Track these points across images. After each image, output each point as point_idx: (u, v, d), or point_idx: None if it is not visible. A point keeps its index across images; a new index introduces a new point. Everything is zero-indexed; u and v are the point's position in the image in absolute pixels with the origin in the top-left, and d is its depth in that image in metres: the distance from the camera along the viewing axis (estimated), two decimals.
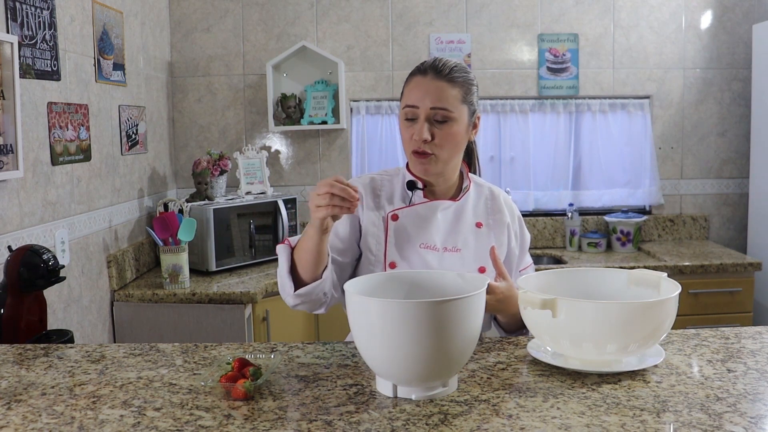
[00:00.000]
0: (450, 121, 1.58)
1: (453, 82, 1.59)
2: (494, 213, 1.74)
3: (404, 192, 1.69)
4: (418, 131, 1.57)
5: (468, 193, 1.72)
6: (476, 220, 1.71)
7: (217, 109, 3.85)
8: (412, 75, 1.63)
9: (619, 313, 1.26)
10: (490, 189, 1.79)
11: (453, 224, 1.68)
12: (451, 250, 1.65)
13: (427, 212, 1.66)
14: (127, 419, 1.16)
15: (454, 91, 1.58)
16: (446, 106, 1.57)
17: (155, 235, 2.99)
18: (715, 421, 1.10)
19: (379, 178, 1.73)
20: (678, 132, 3.96)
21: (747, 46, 3.87)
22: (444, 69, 1.59)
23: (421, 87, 1.58)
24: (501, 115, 3.91)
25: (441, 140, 1.58)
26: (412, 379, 1.20)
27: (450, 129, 1.59)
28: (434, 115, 1.57)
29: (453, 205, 1.69)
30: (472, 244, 1.68)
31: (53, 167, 2.47)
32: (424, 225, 1.65)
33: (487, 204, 1.75)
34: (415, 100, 1.58)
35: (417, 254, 1.63)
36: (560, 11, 3.85)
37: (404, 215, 1.65)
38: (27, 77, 2.29)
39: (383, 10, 3.82)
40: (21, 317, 1.88)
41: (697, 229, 3.98)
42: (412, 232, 1.64)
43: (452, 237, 1.67)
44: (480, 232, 1.70)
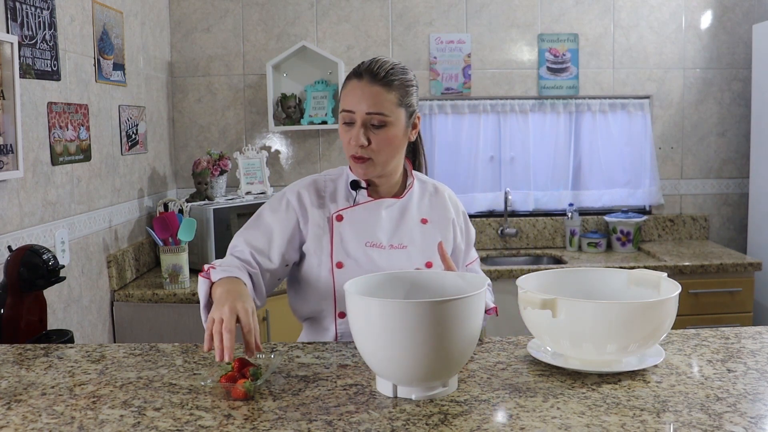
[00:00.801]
0: (386, 125, 1.58)
1: (389, 86, 1.58)
2: (439, 209, 1.75)
3: (348, 192, 1.69)
4: (354, 137, 1.57)
5: (412, 190, 1.73)
6: (421, 217, 1.72)
7: (217, 109, 3.85)
8: (349, 79, 1.62)
9: (619, 313, 1.26)
10: (435, 186, 1.80)
11: (398, 221, 1.68)
12: (397, 247, 1.66)
13: (371, 211, 1.66)
14: (127, 419, 1.16)
15: (390, 95, 1.57)
16: (382, 111, 1.56)
17: (155, 235, 2.99)
18: (715, 421, 1.10)
19: (321, 179, 1.73)
20: (678, 132, 3.96)
21: (747, 46, 3.87)
22: (380, 72, 1.58)
23: (357, 92, 1.57)
24: (501, 115, 3.91)
25: (377, 145, 1.58)
26: (412, 379, 1.20)
27: (386, 134, 1.58)
28: (370, 120, 1.57)
29: (397, 202, 1.69)
30: (418, 240, 1.68)
31: (53, 167, 2.47)
32: (370, 223, 1.65)
33: (431, 200, 1.76)
34: (351, 105, 1.57)
35: (363, 253, 1.63)
36: (560, 11, 3.85)
37: (349, 215, 1.66)
38: (27, 77, 2.29)
39: (383, 10, 3.82)
40: (21, 317, 1.88)
41: (697, 229, 3.98)
42: (357, 232, 1.64)
43: (398, 234, 1.67)
44: (425, 228, 1.70)
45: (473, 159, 3.92)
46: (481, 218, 3.94)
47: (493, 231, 3.92)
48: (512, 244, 3.93)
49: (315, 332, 1.70)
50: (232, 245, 1.67)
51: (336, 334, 1.65)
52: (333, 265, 1.62)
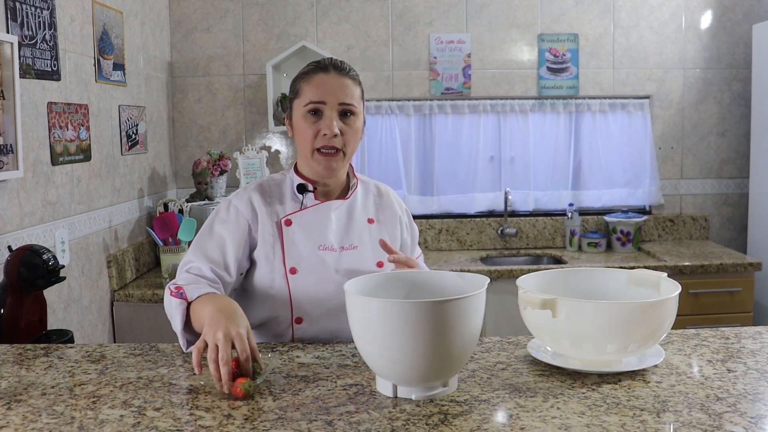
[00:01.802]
0: (354, 116, 1.62)
1: (354, 80, 1.64)
2: (384, 209, 1.77)
3: (294, 196, 1.68)
4: (327, 126, 1.57)
5: (356, 191, 1.73)
6: (367, 217, 1.73)
7: (217, 109, 3.85)
8: (311, 73, 1.62)
9: (619, 313, 1.26)
10: (377, 186, 1.81)
11: (346, 223, 1.69)
12: (348, 248, 1.66)
13: (320, 214, 1.66)
14: (127, 419, 1.16)
15: (356, 89, 1.63)
16: (353, 102, 1.61)
17: (155, 235, 2.99)
18: (715, 421, 1.10)
19: (266, 184, 1.71)
20: (678, 132, 3.96)
21: (747, 46, 3.87)
22: (345, 67, 1.63)
23: (327, 83, 1.59)
24: (501, 115, 3.91)
25: (348, 135, 1.60)
26: (412, 379, 1.20)
27: (355, 124, 1.62)
28: (342, 110, 1.60)
29: (344, 203, 1.70)
30: (367, 240, 1.69)
31: (53, 167, 2.47)
32: (319, 226, 1.65)
33: (375, 200, 1.77)
34: (321, 96, 1.58)
35: (316, 257, 1.62)
36: (560, 11, 3.85)
37: (298, 219, 1.64)
38: (27, 77, 2.29)
39: (383, 10, 3.82)
40: (21, 317, 1.88)
41: (697, 229, 3.98)
42: (308, 236, 1.63)
43: (347, 235, 1.67)
44: (372, 228, 1.72)
45: (473, 159, 3.92)
46: (481, 218, 3.94)
47: (493, 231, 3.92)
48: (512, 244, 3.93)
49: (268, 338, 1.68)
50: (186, 262, 1.61)
51: (293, 339, 1.64)
52: (286, 270, 1.60)
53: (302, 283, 1.60)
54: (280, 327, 1.65)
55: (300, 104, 1.62)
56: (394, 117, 3.86)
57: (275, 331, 1.66)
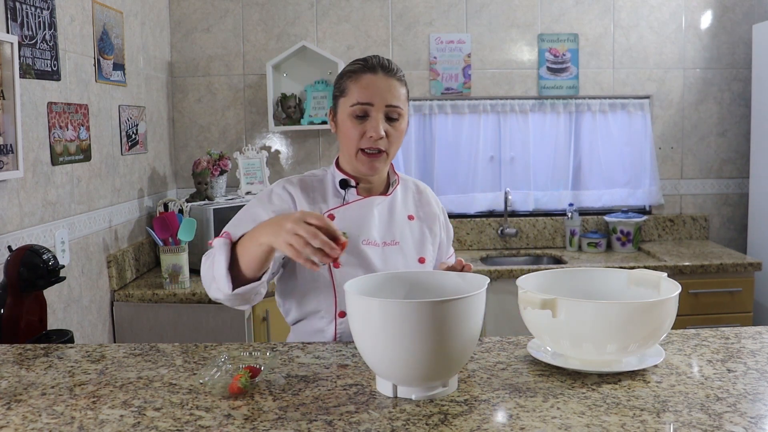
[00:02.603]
0: (400, 118, 1.62)
1: (401, 81, 1.63)
2: (424, 206, 1.78)
3: (336, 191, 1.69)
4: (374, 128, 1.58)
5: (397, 187, 1.75)
6: (407, 213, 1.74)
7: (217, 109, 3.85)
8: (359, 72, 1.62)
9: (619, 313, 1.26)
10: (415, 183, 1.83)
11: (388, 219, 1.70)
12: (390, 244, 1.67)
13: (363, 209, 1.67)
14: (127, 419, 1.16)
15: (402, 90, 1.63)
16: (399, 104, 1.61)
17: (155, 235, 2.99)
18: (715, 421, 1.10)
19: (307, 179, 1.72)
20: (678, 132, 3.96)
21: (747, 46, 3.87)
22: (392, 68, 1.63)
23: (375, 85, 1.59)
24: (501, 115, 3.91)
25: (393, 137, 1.61)
26: (412, 379, 1.20)
27: (400, 126, 1.63)
28: (389, 113, 1.60)
29: (386, 200, 1.71)
30: (408, 235, 1.70)
31: (53, 167, 2.47)
32: (363, 222, 1.66)
33: (414, 197, 1.79)
34: (369, 98, 1.58)
35: (360, 251, 1.63)
36: (560, 11, 3.85)
37: (341, 214, 1.65)
38: (27, 77, 2.29)
39: (383, 10, 3.82)
40: (21, 317, 1.88)
41: (697, 229, 3.98)
42: (352, 230, 1.63)
43: (389, 231, 1.69)
44: (413, 224, 1.73)
45: (473, 159, 3.92)
46: (481, 218, 3.93)
47: (493, 231, 3.92)
48: (512, 244, 3.93)
49: (307, 334, 1.68)
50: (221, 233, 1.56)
51: (335, 333, 1.64)
52: (330, 264, 1.61)
53: (346, 276, 1.58)
54: (322, 321, 1.65)
55: (346, 103, 1.62)
56: None
57: (318, 325, 1.66)
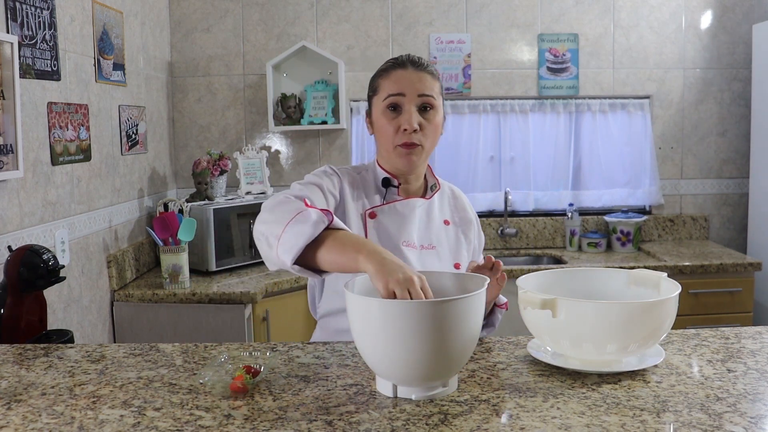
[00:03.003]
0: (434, 109, 1.61)
1: (432, 74, 1.62)
2: (459, 211, 1.77)
3: (378, 189, 1.69)
4: (407, 120, 1.57)
5: (437, 192, 1.74)
6: (444, 218, 1.73)
7: (217, 109, 3.85)
8: (389, 70, 1.62)
9: (619, 313, 1.26)
10: (451, 188, 1.82)
11: (426, 222, 1.69)
12: (427, 248, 1.66)
13: (405, 210, 1.66)
14: (127, 419, 1.16)
15: (435, 83, 1.62)
16: (432, 94, 1.60)
17: (155, 235, 2.99)
18: (715, 421, 1.10)
19: (354, 172, 1.71)
20: (678, 132, 3.96)
21: (747, 46, 3.87)
22: (422, 62, 1.62)
23: (405, 77, 1.59)
24: (501, 115, 3.91)
25: (427, 130, 1.60)
26: (412, 379, 1.20)
27: (435, 118, 1.61)
28: (421, 103, 1.58)
29: (425, 203, 1.70)
30: (444, 240, 1.70)
31: (53, 167, 2.47)
32: (403, 223, 1.65)
33: (450, 202, 1.77)
34: (400, 88, 1.58)
35: (399, 252, 1.62)
36: (560, 11, 3.85)
37: (382, 213, 1.65)
38: (27, 77, 2.29)
39: (383, 10, 3.82)
40: (21, 317, 1.88)
41: (697, 229, 3.98)
42: (392, 231, 1.63)
43: (427, 235, 1.68)
44: (449, 229, 1.72)
45: (473, 159, 3.92)
46: (481, 218, 3.93)
47: (493, 231, 3.92)
48: (512, 244, 3.93)
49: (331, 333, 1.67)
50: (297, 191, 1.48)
51: None
52: None
53: None
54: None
55: (379, 100, 1.61)
56: None
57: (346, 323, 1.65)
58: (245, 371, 1.26)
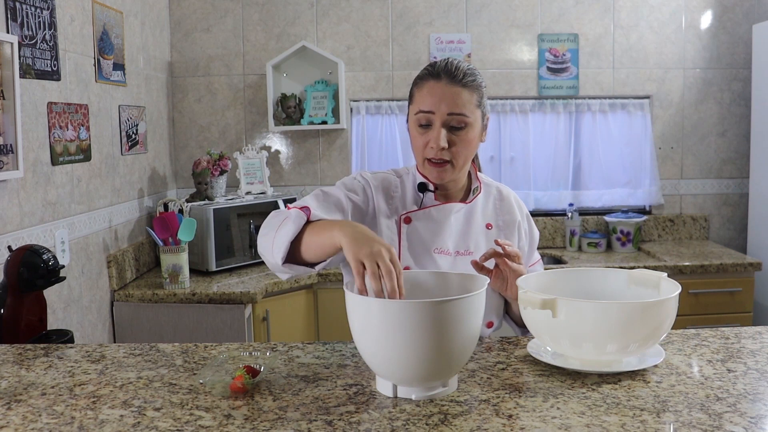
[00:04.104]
0: (466, 126, 1.55)
1: (468, 87, 1.55)
2: (504, 213, 1.72)
3: (415, 194, 1.66)
4: (435, 139, 1.53)
5: (478, 195, 1.70)
6: (486, 222, 1.69)
7: (217, 109, 3.85)
8: (424, 79, 1.58)
9: (619, 313, 1.26)
10: (498, 189, 1.76)
11: (464, 227, 1.65)
12: (463, 254, 1.63)
13: (440, 215, 1.63)
14: (127, 419, 1.16)
15: (469, 96, 1.55)
16: (463, 112, 1.54)
17: (155, 235, 2.99)
18: (715, 421, 1.10)
19: (390, 177, 1.69)
20: (678, 132, 3.96)
21: (747, 46, 3.87)
22: (458, 74, 1.55)
23: (437, 92, 1.54)
24: (501, 115, 3.91)
25: (458, 147, 1.55)
26: (412, 379, 1.20)
27: (467, 135, 1.56)
28: (450, 122, 1.54)
29: (464, 207, 1.66)
30: (483, 245, 1.66)
31: (53, 167, 2.47)
32: (438, 229, 1.62)
33: (495, 204, 1.73)
34: (430, 106, 1.54)
35: (431, 259, 1.60)
36: (560, 11, 3.85)
37: (417, 218, 1.62)
38: (27, 77, 2.29)
39: (383, 10, 3.82)
40: (21, 317, 1.88)
41: (697, 229, 3.98)
42: (425, 236, 1.61)
43: (464, 240, 1.64)
44: (490, 234, 1.68)
45: None
46: None
47: None
48: None
49: None
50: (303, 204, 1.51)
51: None
52: None
53: None
54: None
55: (412, 111, 1.59)
56: (394, 117, 3.85)
57: None
58: (245, 371, 1.26)
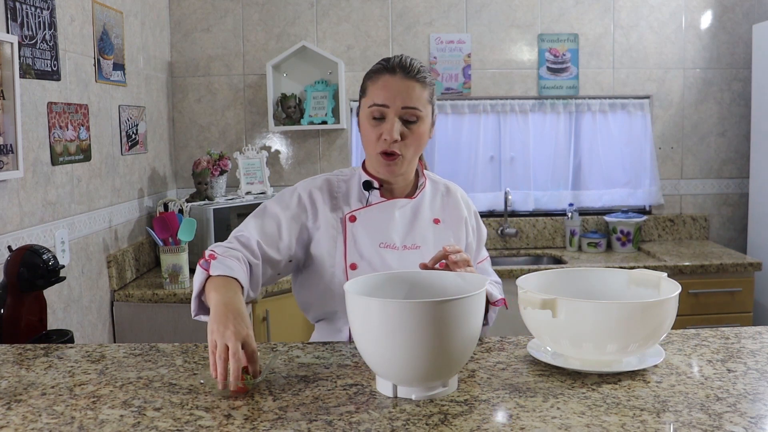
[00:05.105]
0: (418, 120, 1.59)
1: (421, 82, 1.60)
2: (451, 209, 1.75)
3: (361, 192, 1.68)
4: (388, 131, 1.56)
5: (424, 190, 1.73)
6: (433, 217, 1.72)
7: (217, 109, 3.85)
8: (378, 73, 1.60)
9: (619, 313, 1.26)
10: (446, 185, 1.80)
11: (411, 222, 1.68)
12: (410, 248, 1.65)
13: (385, 211, 1.66)
14: (127, 419, 1.16)
15: (422, 91, 1.59)
16: (417, 106, 1.58)
17: (155, 235, 2.99)
18: (715, 421, 1.10)
19: (334, 179, 1.71)
20: (678, 132, 3.96)
21: (747, 46, 3.87)
22: (413, 69, 1.59)
23: (392, 86, 1.57)
24: (501, 115, 3.91)
25: (410, 140, 1.59)
26: (412, 379, 1.20)
27: (418, 128, 1.60)
28: (405, 115, 1.57)
29: (410, 202, 1.69)
30: (431, 240, 1.68)
31: (53, 167, 2.47)
32: (383, 224, 1.65)
33: (443, 200, 1.76)
34: (385, 99, 1.57)
35: (377, 254, 1.62)
36: (560, 11, 3.85)
37: (362, 216, 1.65)
38: (27, 77, 2.29)
39: (383, 10, 3.82)
40: (21, 317, 1.88)
41: (697, 229, 3.98)
42: (370, 232, 1.63)
43: (411, 235, 1.67)
44: (438, 228, 1.71)
45: (473, 159, 3.92)
46: (481, 218, 3.92)
47: (493, 231, 3.92)
48: (512, 244, 3.93)
49: (328, 333, 1.69)
50: (238, 230, 1.62)
51: (350, 335, 1.63)
52: (347, 266, 1.61)
53: None
54: (339, 322, 1.65)
55: (365, 105, 1.61)
56: None
57: (334, 326, 1.66)
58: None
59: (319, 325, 1.73)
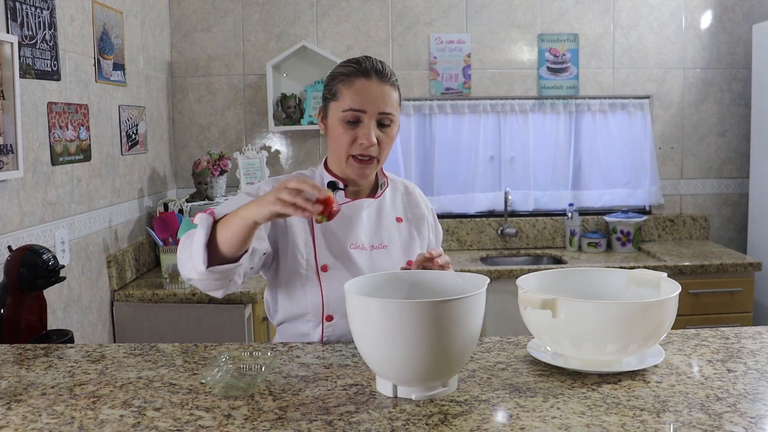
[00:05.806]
0: (392, 124, 1.61)
1: (394, 86, 1.62)
2: (412, 207, 1.77)
3: None
4: (365, 135, 1.56)
5: (386, 190, 1.74)
6: (396, 216, 1.73)
7: (217, 109, 3.85)
8: (352, 77, 1.58)
9: (619, 313, 1.26)
10: (404, 184, 1.82)
11: (376, 222, 1.69)
12: (378, 248, 1.66)
13: (351, 212, 1.65)
14: (127, 419, 1.16)
15: (395, 95, 1.61)
16: (392, 111, 1.59)
17: (155, 235, 2.99)
18: (715, 421, 1.10)
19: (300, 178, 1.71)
20: (678, 132, 3.96)
21: (747, 46, 3.87)
22: (387, 74, 1.60)
23: (369, 91, 1.57)
24: (501, 115, 3.91)
25: (384, 143, 1.60)
26: (412, 379, 1.20)
27: (391, 132, 1.61)
28: (381, 120, 1.58)
29: (374, 202, 1.70)
30: (396, 238, 1.70)
31: (53, 167, 2.47)
32: (351, 225, 1.64)
33: (403, 199, 1.78)
34: (362, 104, 1.56)
35: (347, 255, 1.62)
36: (560, 11, 3.85)
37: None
38: (27, 77, 2.29)
39: (383, 10, 3.82)
40: (21, 317, 1.88)
41: (697, 229, 3.98)
42: (340, 234, 1.63)
43: (377, 234, 1.68)
44: (401, 227, 1.72)
45: (473, 159, 3.92)
46: (481, 218, 3.93)
47: (493, 231, 3.92)
48: (512, 244, 3.93)
49: (292, 337, 1.67)
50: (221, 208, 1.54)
51: (322, 336, 1.62)
52: (318, 268, 1.61)
53: (333, 280, 1.59)
54: (310, 324, 1.64)
55: (338, 108, 1.59)
56: None
57: (305, 328, 1.65)
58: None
59: (284, 327, 1.69)
